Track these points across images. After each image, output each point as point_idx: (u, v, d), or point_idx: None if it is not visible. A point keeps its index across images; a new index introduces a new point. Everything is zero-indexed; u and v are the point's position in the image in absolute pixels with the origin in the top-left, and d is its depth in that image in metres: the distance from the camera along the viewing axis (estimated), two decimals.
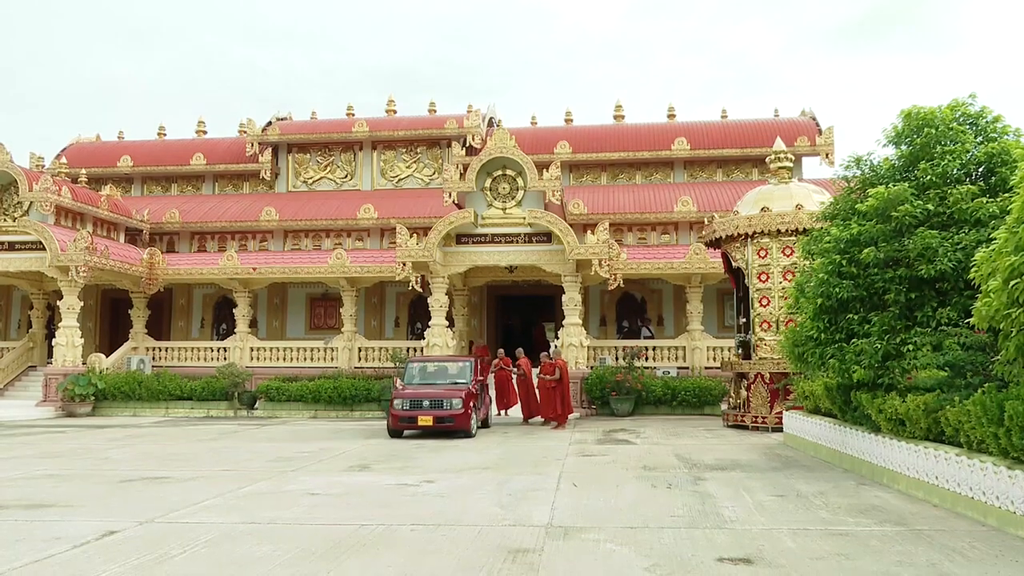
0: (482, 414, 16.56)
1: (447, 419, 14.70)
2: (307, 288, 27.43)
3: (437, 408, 14.83)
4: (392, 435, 15.11)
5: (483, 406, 16.71)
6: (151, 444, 14.52)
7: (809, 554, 6.00)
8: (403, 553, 6.13)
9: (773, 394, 16.03)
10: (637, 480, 9.72)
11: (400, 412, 14.95)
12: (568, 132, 29.82)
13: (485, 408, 16.96)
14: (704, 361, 22.36)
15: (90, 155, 30.92)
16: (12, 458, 12.46)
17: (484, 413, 16.83)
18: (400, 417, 14.91)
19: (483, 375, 17.70)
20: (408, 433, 15.25)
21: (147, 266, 24.64)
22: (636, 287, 25.61)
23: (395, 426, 15.01)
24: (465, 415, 14.78)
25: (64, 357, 22.17)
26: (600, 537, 6.60)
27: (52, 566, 5.80)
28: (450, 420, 14.71)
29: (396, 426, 15.00)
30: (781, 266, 16.28)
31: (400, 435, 15.11)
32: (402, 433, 15.13)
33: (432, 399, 14.99)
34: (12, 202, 22.71)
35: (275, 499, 8.59)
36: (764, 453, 12.41)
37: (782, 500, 8.27)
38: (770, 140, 22.13)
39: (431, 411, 14.79)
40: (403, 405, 15.01)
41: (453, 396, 14.97)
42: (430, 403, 14.94)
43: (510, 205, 21.07)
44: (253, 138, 29.81)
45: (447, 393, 15.11)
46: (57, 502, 8.45)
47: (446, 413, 14.73)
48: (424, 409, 14.85)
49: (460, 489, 9.16)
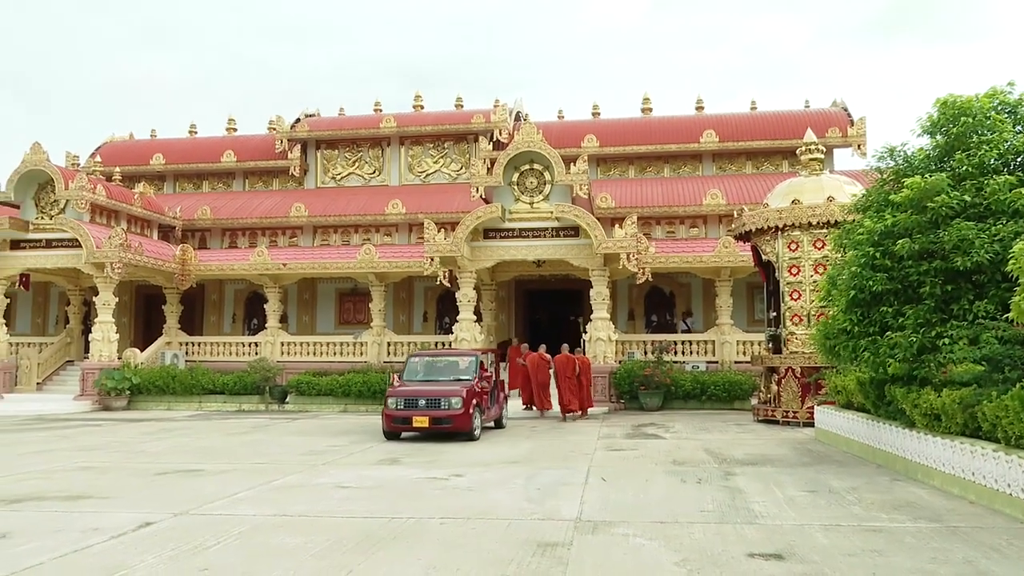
0: (494, 413, 15.28)
1: (444, 420, 13.28)
2: (336, 283, 27.64)
3: (434, 408, 13.38)
4: (388, 437, 13.73)
5: (496, 404, 15.42)
6: (185, 437, 14.75)
7: (842, 550, 5.94)
8: (433, 546, 6.17)
9: (804, 388, 15.86)
10: (666, 475, 9.68)
11: (394, 412, 13.56)
12: (595, 126, 29.69)
13: (499, 406, 15.65)
14: (734, 355, 22.18)
15: (123, 153, 31.41)
16: (51, 451, 12.73)
17: (497, 412, 15.55)
18: (394, 417, 13.53)
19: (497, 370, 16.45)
20: (407, 435, 13.94)
21: (180, 262, 25.00)
22: (664, 281, 25.46)
23: (389, 427, 13.64)
24: (465, 415, 13.32)
25: (100, 352, 22.58)
26: (629, 532, 6.59)
27: (90, 556, 5.92)
28: (448, 421, 13.28)
29: (390, 427, 13.62)
30: (812, 259, 16.08)
31: (397, 437, 13.77)
32: (399, 435, 13.79)
33: (429, 398, 13.51)
34: (49, 200, 23.14)
35: (306, 492, 8.68)
36: (795, 448, 12.29)
37: (814, 496, 8.19)
38: (800, 131, 21.85)
39: (427, 411, 13.35)
40: (397, 404, 13.60)
41: (452, 395, 13.47)
42: (427, 402, 13.46)
43: (537, 199, 21.05)
44: (282, 135, 30.07)
45: (446, 391, 13.60)
46: (95, 494, 8.62)
47: (444, 413, 13.30)
48: (420, 409, 13.41)
49: (489, 483, 9.19)
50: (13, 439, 14.63)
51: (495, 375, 15.77)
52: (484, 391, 14.47)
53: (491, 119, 29.07)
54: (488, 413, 14.70)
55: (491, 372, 15.51)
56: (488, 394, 14.78)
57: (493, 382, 15.39)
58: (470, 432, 13.43)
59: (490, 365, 15.74)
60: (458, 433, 13.46)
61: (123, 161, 30.30)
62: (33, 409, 21.23)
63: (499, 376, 16.25)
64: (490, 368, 15.58)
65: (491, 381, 15.24)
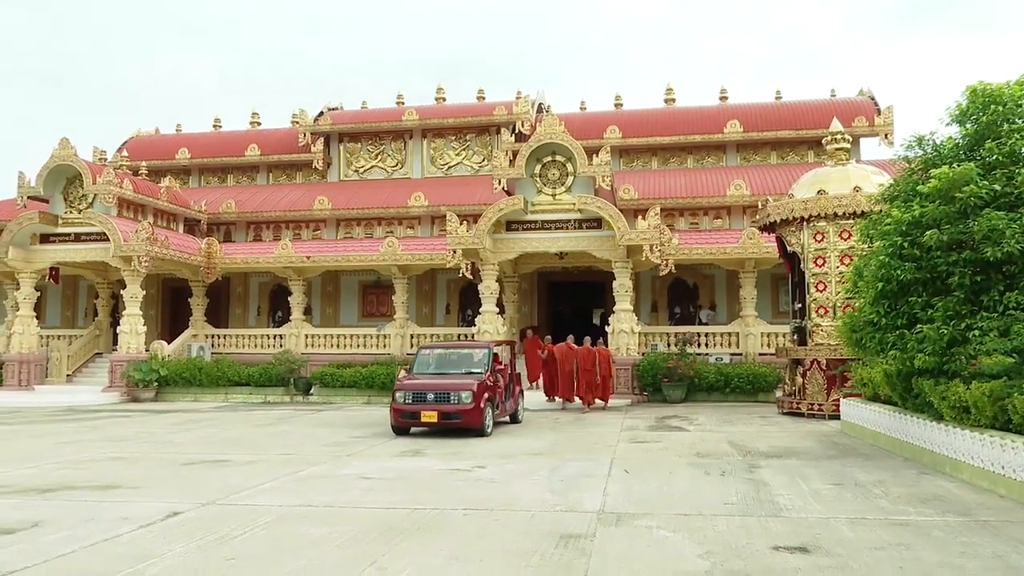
0: (509, 407, 14.75)
1: (454, 415, 12.71)
2: (360, 276, 27.77)
3: (443, 402, 12.81)
4: (396, 432, 13.30)
5: (511, 398, 14.88)
6: (211, 429, 14.92)
7: (868, 544, 5.88)
8: (456, 537, 6.19)
9: (830, 381, 15.71)
10: (690, 467, 9.65)
11: (402, 406, 13.05)
12: (618, 117, 29.52)
13: (514, 400, 15.09)
14: (758, 347, 22.00)
15: (149, 148, 31.76)
16: (81, 441, 12.95)
17: (513, 406, 15.00)
18: (401, 412, 13.02)
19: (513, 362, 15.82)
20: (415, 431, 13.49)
21: (205, 255, 25.26)
22: (688, 273, 25.30)
23: (397, 422, 13.16)
24: (475, 410, 12.74)
25: (128, 344, 22.89)
26: (652, 524, 6.57)
27: (120, 545, 6.02)
28: (457, 416, 12.71)
29: (398, 422, 13.15)
30: (838, 250, 15.90)
31: (406, 432, 13.33)
32: (408, 431, 13.35)
33: (438, 391, 12.95)
34: (77, 195, 23.46)
35: (331, 483, 8.76)
36: (820, 441, 12.18)
37: (839, 489, 8.12)
38: (826, 121, 21.57)
39: (436, 405, 12.80)
40: (405, 398, 13.07)
41: (462, 388, 12.87)
42: (435, 396, 12.90)
43: (560, 191, 20.99)
44: (305, 128, 30.24)
45: (455, 385, 13.04)
46: (124, 484, 8.76)
47: (453, 408, 12.72)
48: (428, 403, 12.88)
49: (512, 475, 9.21)
50: (45, 430, 14.89)
51: (511, 368, 15.29)
52: (497, 385, 13.90)
53: (513, 111, 29.01)
54: (502, 407, 14.24)
55: (506, 365, 14.96)
56: (503, 388, 14.36)
57: (509, 375, 14.93)
58: (481, 428, 12.86)
59: (506, 358, 15.24)
60: (468, 429, 12.90)
61: (149, 156, 30.64)
62: (63, 400, 21.60)
63: (515, 369, 15.66)
64: (505, 361, 15.08)
65: (506, 374, 14.74)
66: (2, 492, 8.27)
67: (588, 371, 18.20)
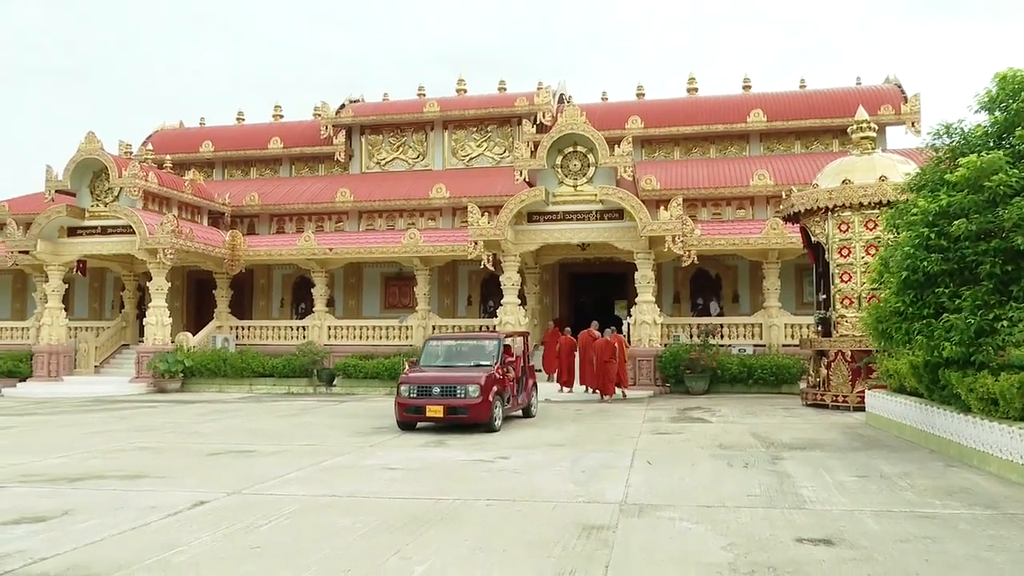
0: (521, 401, 14.16)
1: (460, 409, 12.15)
2: (382, 267, 27.89)
3: (449, 396, 12.24)
4: (402, 428, 12.75)
5: (524, 391, 14.29)
6: (236, 419, 15.09)
7: (893, 536, 5.83)
8: (479, 527, 6.22)
9: (855, 372, 15.56)
10: (712, 458, 9.61)
11: (406, 400, 12.49)
12: (640, 107, 29.33)
13: (527, 394, 14.48)
14: (781, 339, 21.84)
15: (174, 141, 32.07)
16: (109, 431, 13.15)
17: (525, 400, 14.41)
18: (406, 406, 12.48)
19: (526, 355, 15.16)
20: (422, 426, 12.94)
21: (229, 248, 25.49)
22: (710, 263, 25.14)
23: (402, 417, 12.61)
24: (483, 405, 12.15)
25: (154, 336, 23.19)
26: (675, 515, 6.56)
27: (148, 534, 6.11)
28: (464, 411, 12.15)
29: (403, 417, 12.60)
30: (864, 240, 15.72)
31: (412, 428, 12.78)
32: (414, 426, 12.79)
33: (444, 385, 12.37)
34: (104, 188, 23.75)
35: (354, 473, 8.83)
36: (845, 433, 12.08)
37: (864, 481, 8.05)
38: (851, 110, 21.28)
39: (442, 399, 12.22)
40: (410, 392, 12.51)
41: (469, 382, 12.29)
42: (441, 390, 12.32)
43: (581, 182, 20.93)
44: (327, 121, 30.37)
45: (462, 378, 12.44)
46: (151, 473, 8.89)
47: (460, 402, 12.15)
48: (434, 397, 12.30)
49: (534, 465, 9.23)
50: (74, 420, 15.14)
51: (524, 360, 14.69)
52: (507, 377, 13.27)
53: (534, 102, 28.94)
54: (514, 401, 13.68)
55: (519, 356, 14.41)
56: (516, 381, 13.80)
57: (522, 367, 14.35)
58: (489, 423, 12.30)
59: (519, 349, 14.78)
60: (476, 424, 12.35)
61: (173, 149, 30.94)
62: (92, 391, 21.96)
63: (528, 360, 15.02)
64: (518, 352, 14.61)
65: (519, 366, 14.14)
66: (33, 481, 8.43)
67: (607, 362, 18.30)
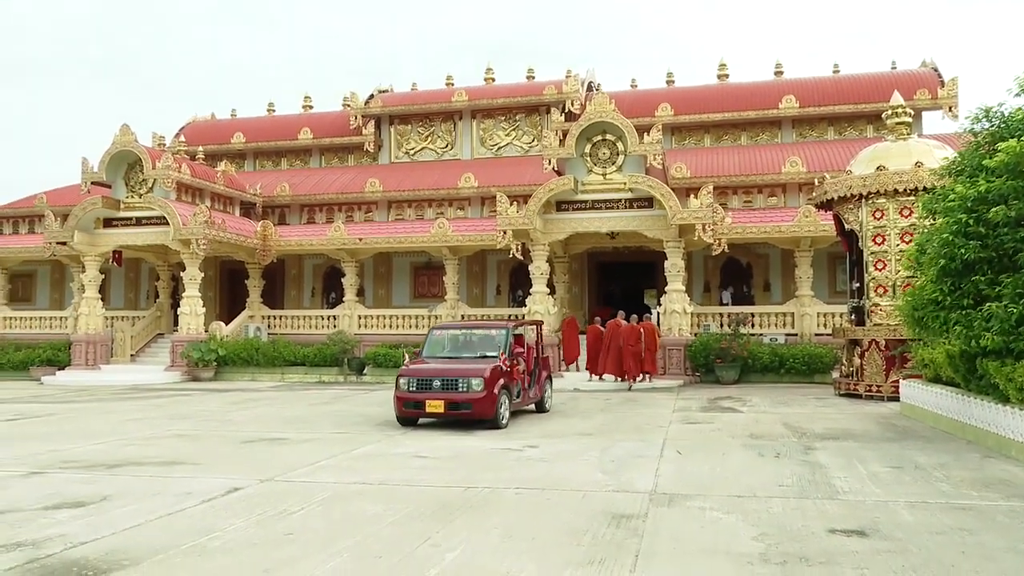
0: (533, 395, 13.25)
1: (463, 404, 11.23)
2: (411, 257, 28.02)
3: (451, 390, 11.35)
4: (402, 423, 11.87)
5: (536, 384, 13.38)
6: (269, 407, 15.28)
7: (928, 528, 5.75)
8: (509, 515, 6.24)
9: (889, 362, 15.35)
10: (743, 448, 9.54)
11: (405, 394, 11.60)
12: (669, 94, 29.07)
13: (539, 387, 13.53)
14: (814, 328, 21.60)
15: (206, 133, 32.46)
16: (145, 419, 13.39)
17: (538, 393, 13.49)
18: (405, 401, 11.60)
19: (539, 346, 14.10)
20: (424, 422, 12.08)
21: (260, 238, 25.77)
22: (741, 252, 24.90)
23: (401, 412, 11.75)
24: (487, 399, 11.21)
25: (188, 325, 23.55)
26: (705, 505, 6.53)
27: (184, 519, 6.22)
28: (466, 406, 11.22)
29: (402, 413, 11.73)
30: (898, 227, 15.46)
31: (413, 424, 11.90)
32: (415, 422, 11.93)
33: (445, 378, 11.47)
34: (138, 180, 24.10)
35: (385, 461, 8.90)
36: (879, 423, 11.92)
37: (898, 472, 7.94)
38: (886, 95, 20.91)
39: (443, 394, 11.34)
40: (409, 385, 11.62)
41: (472, 374, 11.34)
42: (442, 383, 11.42)
43: (610, 170, 20.81)
44: (356, 111, 30.51)
45: (465, 370, 11.53)
46: (187, 460, 9.04)
47: (462, 396, 11.24)
48: (434, 391, 11.41)
49: (563, 454, 9.24)
50: (112, 407, 15.44)
51: (537, 351, 13.82)
52: (515, 370, 12.31)
53: (563, 90, 28.82)
54: (525, 395, 12.76)
55: (531, 347, 13.54)
56: (527, 373, 12.96)
57: (535, 359, 13.52)
58: (494, 419, 11.39)
59: (532, 339, 13.93)
60: (480, 421, 11.49)
61: (205, 140, 31.30)
62: (128, 379, 22.36)
63: (541, 352, 14.08)
64: (532, 342, 13.78)
65: (530, 358, 13.30)
66: (73, 467, 8.62)
67: (633, 346, 18.58)
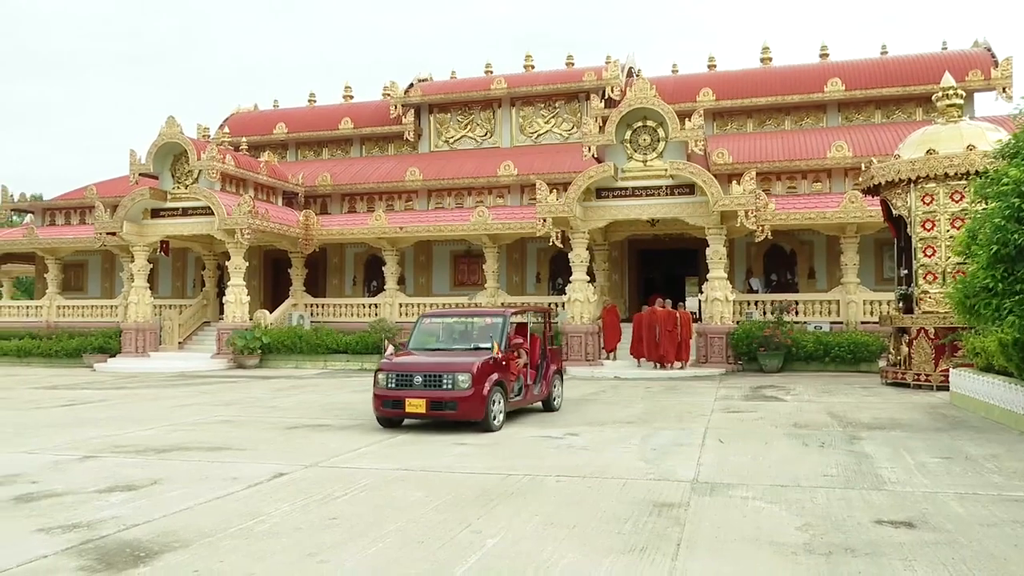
0: (539, 393, 11.79)
1: (447, 404, 9.83)
2: (451, 245, 28.13)
3: (434, 387, 9.94)
4: (383, 424, 10.49)
5: (543, 380, 11.89)
6: (312, 394, 15.51)
7: (979, 520, 5.62)
8: (549, 503, 6.25)
9: (938, 350, 15.00)
10: (787, 438, 9.42)
11: (384, 392, 10.18)
12: (711, 79, 28.66)
13: (546, 383, 11.97)
14: (860, 315, 21.19)
15: (249, 124, 32.93)
16: (193, 405, 13.69)
17: (545, 391, 11.94)
18: (384, 399, 10.18)
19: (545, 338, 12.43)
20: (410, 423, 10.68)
21: (303, 227, 26.11)
22: (785, 239, 24.51)
23: (380, 412, 10.34)
24: (475, 398, 9.80)
25: (233, 313, 23.98)
26: (748, 494, 6.46)
27: (231, 503, 6.35)
28: (451, 405, 9.82)
29: (382, 412, 10.32)
30: (949, 213, 15.06)
31: (396, 425, 10.51)
32: (400, 423, 10.53)
33: (428, 373, 10.05)
34: (184, 171, 24.56)
35: (426, 448, 8.97)
36: (927, 413, 11.67)
37: (948, 462, 7.77)
38: (936, 76, 20.37)
39: (424, 391, 9.94)
40: (388, 382, 10.18)
41: (458, 369, 9.94)
42: (424, 379, 10.00)
43: (651, 157, 20.61)
44: (396, 100, 30.66)
45: (451, 364, 10.12)
46: (232, 445, 9.22)
47: (447, 395, 9.83)
48: (415, 388, 9.99)
49: (604, 442, 9.22)
50: (160, 394, 15.82)
51: (543, 342, 12.29)
52: (513, 363, 10.94)
53: (603, 76, 28.59)
54: (527, 392, 11.36)
55: (537, 337, 12.16)
56: (531, 368, 11.67)
57: (541, 352, 12.07)
58: (484, 421, 9.96)
59: (538, 329, 12.53)
60: (468, 423, 10.09)
61: (249, 131, 31.76)
62: (176, 367, 22.88)
63: (548, 342, 12.54)
64: (538, 332, 12.42)
65: (536, 350, 11.93)
66: (125, 451, 8.85)
67: (670, 332, 19.39)
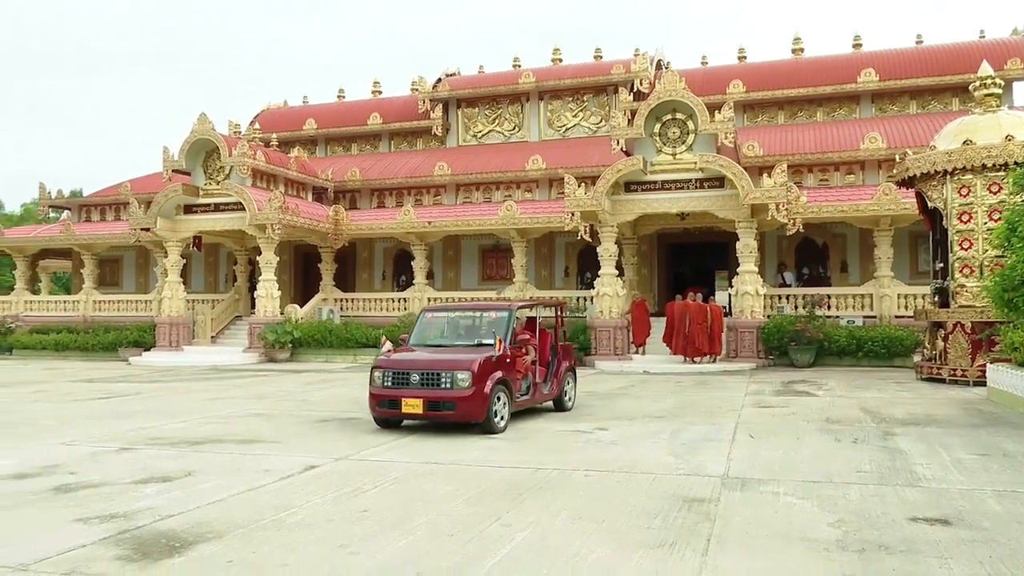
0: (549, 392, 11.16)
1: (445, 404, 9.30)
2: (479, 240, 28.17)
3: (431, 386, 9.41)
4: (380, 425, 10.00)
5: (554, 379, 11.26)
6: (342, 388, 15.64)
7: (1017, 518, 5.51)
8: (578, 497, 6.25)
9: (975, 345, 14.71)
10: (819, 433, 9.31)
11: (380, 391, 9.71)
12: (741, 70, 28.35)
13: (557, 382, 11.32)
14: (894, 309, 20.86)
15: (279, 120, 33.23)
16: (225, 398, 13.88)
17: (555, 390, 11.29)
18: (380, 399, 9.70)
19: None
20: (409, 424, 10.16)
21: (332, 222, 26.30)
22: (817, 232, 24.18)
23: (377, 413, 9.87)
24: (476, 397, 9.25)
25: (265, 308, 24.25)
26: (779, 490, 6.40)
27: (263, 495, 6.43)
28: (449, 405, 9.29)
29: (378, 412, 9.84)
30: (986, 205, 14.75)
31: (395, 426, 10.02)
32: (398, 423, 10.03)
33: (425, 371, 9.53)
34: (216, 167, 24.85)
35: (455, 442, 8.99)
36: (963, 408, 11.47)
37: (985, 459, 7.62)
38: (973, 65, 19.94)
39: (422, 391, 9.42)
40: (384, 380, 9.71)
41: (458, 367, 9.39)
42: (421, 378, 9.49)
43: (680, 150, 20.44)
44: (424, 95, 30.74)
45: (450, 362, 9.57)
46: (264, 438, 9.33)
47: (445, 394, 9.30)
48: (412, 387, 9.47)
49: (633, 437, 9.18)
50: (194, 387, 16.06)
51: (555, 338, 11.73)
52: (519, 360, 10.46)
53: (631, 69, 28.41)
54: (535, 391, 10.79)
55: (547, 333, 11.74)
56: (543, 364, 11.22)
57: (551, 348, 11.52)
58: (486, 422, 9.43)
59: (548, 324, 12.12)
60: (468, 424, 9.58)
61: (279, 127, 32.04)
62: (208, 360, 23.20)
63: (560, 338, 11.91)
64: (549, 326, 12.02)
65: (546, 347, 11.46)
66: (160, 443, 9.00)
67: (700, 324, 19.37)
